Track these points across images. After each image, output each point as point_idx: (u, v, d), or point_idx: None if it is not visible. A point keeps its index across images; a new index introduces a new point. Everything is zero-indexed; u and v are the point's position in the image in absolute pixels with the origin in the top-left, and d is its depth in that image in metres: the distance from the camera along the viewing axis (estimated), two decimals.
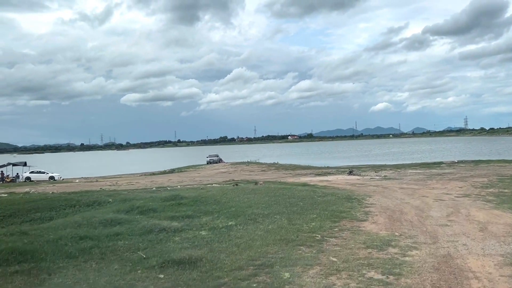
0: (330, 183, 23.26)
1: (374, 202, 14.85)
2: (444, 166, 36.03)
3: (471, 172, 27.23)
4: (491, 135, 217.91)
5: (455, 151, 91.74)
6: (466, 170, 29.93)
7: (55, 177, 47.97)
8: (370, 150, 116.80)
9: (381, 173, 29.54)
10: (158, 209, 13.54)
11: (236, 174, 37.34)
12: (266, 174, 35.75)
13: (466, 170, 29.93)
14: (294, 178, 28.41)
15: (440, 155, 79.16)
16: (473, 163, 38.97)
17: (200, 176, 38.35)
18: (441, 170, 30.54)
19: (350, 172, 28.82)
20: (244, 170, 42.85)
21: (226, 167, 53.51)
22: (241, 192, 17.30)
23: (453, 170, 30.29)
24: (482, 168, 31.62)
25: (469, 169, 31.00)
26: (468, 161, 41.83)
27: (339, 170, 35.44)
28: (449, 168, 32.85)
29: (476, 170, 29.55)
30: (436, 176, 24.86)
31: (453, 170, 30.29)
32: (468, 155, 73.07)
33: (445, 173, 27.45)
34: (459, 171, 28.64)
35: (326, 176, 28.68)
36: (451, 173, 27.41)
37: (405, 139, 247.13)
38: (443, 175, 25.81)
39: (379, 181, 23.64)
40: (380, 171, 32.13)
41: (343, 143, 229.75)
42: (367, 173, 29.85)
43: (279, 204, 14.12)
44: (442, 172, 27.87)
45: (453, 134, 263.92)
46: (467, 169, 31.04)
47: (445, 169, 31.05)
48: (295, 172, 37.16)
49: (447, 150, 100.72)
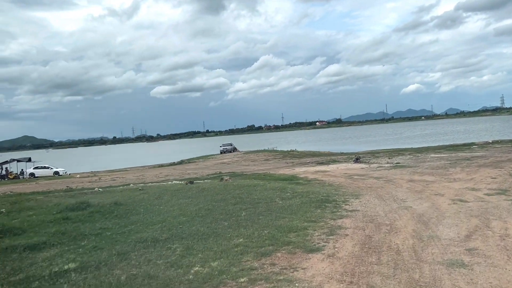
0: (324, 174, 18.05)
1: (357, 208, 9.65)
2: (475, 147, 29.92)
3: (508, 155, 21.23)
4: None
5: (492, 131, 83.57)
6: (502, 152, 23.88)
7: (60, 172, 45.38)
8: (400, 133, 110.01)
9: (395, 159, 23.96)
10: (28, 229, 8.93)
11: (232, 166, 32.61)
12: (264, 165, 30.76)
13: (502, 152, 23.88)
14: (288, 169, 23.31)
15: (474, 136, 71.66)
16: (511, 143, 32.57)
17: (196, 168, 33.88)
18: (470, 153, 24.59)
19: (356, 159, 23.45)
20: (246, 160, 37.99)
21: (236, 156, 48.84)
22: (184, 193, 12.49)
23: (486, 152, 24.28)
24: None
25: (506, 151, 24.87)
26: (505, 141, 35.28)
27: (350, 156, 29.93)
28: (481, 150, 26.77)
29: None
30: (462, 162, 19.08)
31: (486, 152, 24.28)
32: (506, 135, 65.31)
33: (475, 156, 21.56)
34: (493, 154, 22.67)
35: (327, 165, 23.38)
36: (483, 156, 21.48)
37: (437, 121, 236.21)
38: (471, 159, 19.97)
39: (387, 170, 18.20)
40: (396, 156, 26.48)
41: (373, 127, 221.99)
42: (378, 160, 24.34)
43: (210, 214, 9.25)
44: (471, 156, 21.98)
45: (489, 114, 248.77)
46: (504, 151, 24.92)
47: (475, 152, 25.06)
48: (300, 160, 31.96)
49: (482, 130, 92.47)
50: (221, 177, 16.16)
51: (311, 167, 23.73)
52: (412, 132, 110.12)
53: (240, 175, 21.29)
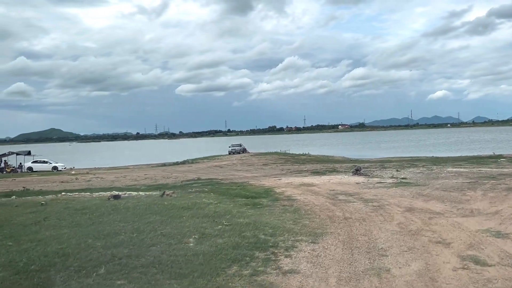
0: (306, 190, 14.07)
1: (298, 267, 5.72)
2: (503, 161, 25.21)
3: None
4: None
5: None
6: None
7: (59, 167, 43.17)
8: (422, 140, 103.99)
9: (404, 172, 19.67)
10: None
11: (225, 170, 28.97)
12: (258, 171, 26.83)
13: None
14: (275, 179, 19.40)
15: (502, 146, 65.60)
16: None
17: (186, 171, 30.45)
18: (496, 168, 20.03)
19: (356, 171, 19.24)
20: (244, 164, 34.21)
21: (239, 158, 45.11)
22: (73, 218, 8.78)
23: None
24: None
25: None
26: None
27: (355, 165, 25.62)
28: (510, 165, 22.11)
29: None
30: (486, 182, 14.67)
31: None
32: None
33: (503, 174, 17.07)
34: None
35: (320, 177, 19.30)
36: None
37: (464, 129, 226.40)
38: (498, 178, 15.51)
39: (386, 188, 14.04)
40: (407, 168, 22.13)
41: (396, 132, 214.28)
42: (383, 172, 20.10)
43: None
44: (497, 173, 17.46)
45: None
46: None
47: (503, 167, 20.48)
48: (299, 167, 27.95)
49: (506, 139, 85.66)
50: (163, 192, 12.35)
51: (302, 177, 19.74)
52: (435, 139, 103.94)
53: (214, 184, 17.58)
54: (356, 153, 66.36)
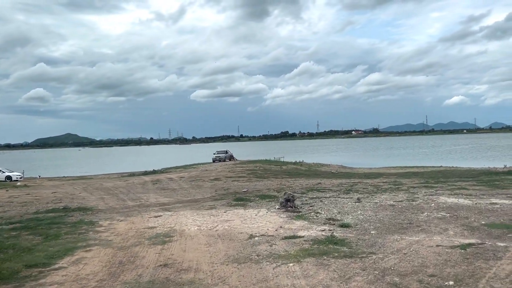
0: (166, 246, 6.57)
1: None
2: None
3: None
4: None
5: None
6: None
7: (13, 177, 36.26)
8: (438, 146, 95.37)
9: (367, 203, 11.91)
10: None
11: (151, 188, 21.59)
12: (182, 193, 19.33)
13: None
14: (155, 215, 11.84)
15: None
16: None
17: (113, 187, 23.31)
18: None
19: (286, 202, 11.41)
20: (197, 179, 26.76)
21: (220, 166, 37.68)
22: None
23: None
24: None
25: None
26: None
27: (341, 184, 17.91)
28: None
29: None
30: (503, 234, 6.92)
31: None
32: None
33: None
34: None
35: (225, 213, 11.68)
36: None
37: (480, 135, 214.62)
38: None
39: (281, 262, 6.38)
40: (382, 192, 14.36)
41: (411, 138, 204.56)
42: (332, 203, 12.41)
43: None
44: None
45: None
46: None
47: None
48: (257, 185, 20.42)
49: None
50: None
51: (207, 211, 12.14)
52: (449, 146, 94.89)
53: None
54: (357, 161, 58.49)
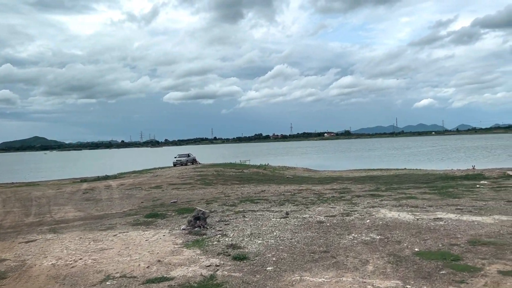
0: None
1: None
2: (483, 187, 15.57)
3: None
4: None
5: (508, 149, 67.88)
6: None
7: None
8: (407, 148, 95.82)
9: (297, 218, 9.92)
10: None
11: (97, 195, 19.02)
12: (128, 199, 16.90)
13: None
14: None
15: (484, 156, 56.30)
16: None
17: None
18: (471, 211, 10.26)
19: (195, 220, 9.39)
20: (147, 185, 24.31)
21: (176, 171, 35.17)
22: None
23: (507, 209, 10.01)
24: None
25: None
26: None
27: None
28: (494, 198, 12.39)
29: None
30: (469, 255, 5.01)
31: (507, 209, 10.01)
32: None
33: (480, 243, 7.33)
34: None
35: (115, 236, 9.44)
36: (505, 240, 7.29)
37: (448, 136, 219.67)
38: (467, 259, 5.85)
39: None
40: (323, 201, 12.44)
41: (381, 140, 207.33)
42: (251, 219, 10.37)
43: None
44: (469, 240, 7.70)
45: (501, 131, 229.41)
46: None
47: (483, 208, 10.72)
48: (193, 193, 18.21)
49: (494, 147, 76.81)
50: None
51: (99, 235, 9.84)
52: (418, 148, 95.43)
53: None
54: (324, 164, 57.10)
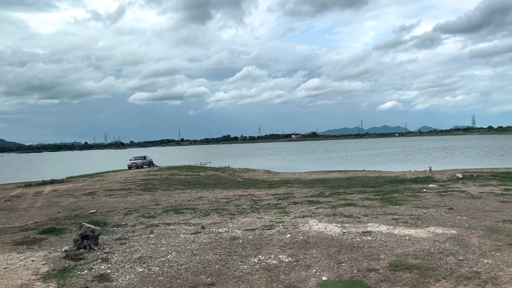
0: None
1: None
2: (430, 191, 14.65)
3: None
4: (499, 133, 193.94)
5: (465, 150, 69.49)
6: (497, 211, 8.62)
7: None
8: (370, 149, 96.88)
9: (243, 219, 8.41)
10: None
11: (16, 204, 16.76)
12: None
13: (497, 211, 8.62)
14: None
15: (439, 157, 57.09)
16: (491, 176, 17.49)
17: None
18: (406, 222, 9.09)
19: (82, 239, 7.65)
20: (90, 191, 22.18)
21: (130, 174, 32.87)
22: None
23: (452, 218, 8.90)
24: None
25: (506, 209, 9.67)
26: (484, 175, 20.19)
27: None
28: (436, 204, 11.37)
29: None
30: None
31: (452, 218, 8.90)
32: (482, 158, 50.66)
33: (402, 267, 6.10)
34: (471, 226, 7.37)
35: None
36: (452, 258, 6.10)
37: (411, 138, 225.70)
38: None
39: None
40: (253, 209, 11.04)
41: (347, 142, 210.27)
42: (156, 233, 8.80)
43: None
44: (407, 237, 6.53)
45: (460, 133, 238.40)
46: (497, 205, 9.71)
47: (422, 217, 9.60)
48: (147, 197, 16.37)
49: (453, 148, 78.62)
50: None
51: None
52: (382, 149, 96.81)
53: None
54: (287, 165, 56.35)
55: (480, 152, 64.99)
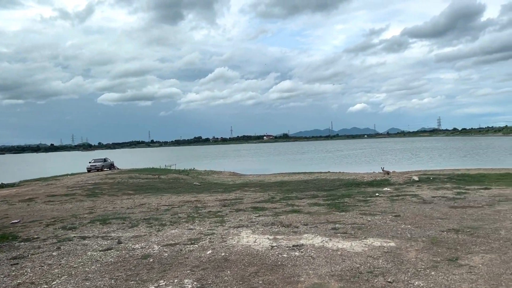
0: None
1: None
2: (384, 196, 13.98)
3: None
4: (463, 135, 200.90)
5: (430, 151, 70.76)
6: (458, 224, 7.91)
7: None
8: (337, 150, 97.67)
9: (172, 231, 7.30)
10: None
11: None
12: None
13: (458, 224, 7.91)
14: None
15: (406, 157, 57.76)
16: (448, 179, 17.12)
17: None
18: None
19: None
20: (28, 197, 20.42)
21: (84, 177, 30.86)
22: None
23: (399, 236, 8.14)
24: None
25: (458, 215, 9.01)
26: (440, 178, 19.85)
27: None
28: (385, 211, 10.65)
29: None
30: None
31: (399, 236, 8.14)
32: (445, 159, 51.50)
33: None
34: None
35: None
36: None
37: (379, 139, 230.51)
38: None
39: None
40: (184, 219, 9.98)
41: (317, 143, 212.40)
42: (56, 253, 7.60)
43: None
44: (339, 252, 5.64)
45: (427, 135, 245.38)
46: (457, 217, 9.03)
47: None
48: (87, 204, 14.87)
49: (419, 149, 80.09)
50: None
51: None
52: (350, 150, 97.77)
53: None
54: (255, 167, 55.45)
55: (444, 153, 66.31)
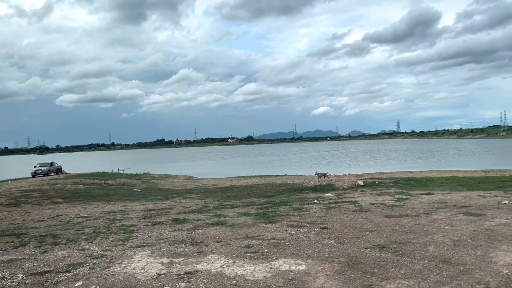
0: None
1: None
2: (329, 197, 12.99)
3: None
4: (421, 137, 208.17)
5: (388, 153, 71.89)
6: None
7: None
8: (303, 152, 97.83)
9: None
10: None
11: None
12: None
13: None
14: None
15: (364, 160, 58.17)
16: (393, 183, 16.47)
17: None
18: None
19: None
20: None
21: (23, 183, 28.04)
22: None
23: None
24: None
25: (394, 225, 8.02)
26: (388, 180, 19.25)
27: None
28: (323, 212, 9.60)
29: None
30: None
31: None
32: (402, 161, 52.09)
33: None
34: None
35: None
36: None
37: (341, 142, 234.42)
38: None
39: None
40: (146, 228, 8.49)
41: (281, 145, 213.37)
42: None
43: None
44: (235, 281, 4.44)
45: (387, 137, 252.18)
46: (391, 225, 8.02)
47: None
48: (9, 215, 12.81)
49: (378, 151, 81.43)
50: None
51: None
52: (312, 152, 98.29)
53: None
54: (212, 171, 54.02)
55: (401, 155, 67.43)
